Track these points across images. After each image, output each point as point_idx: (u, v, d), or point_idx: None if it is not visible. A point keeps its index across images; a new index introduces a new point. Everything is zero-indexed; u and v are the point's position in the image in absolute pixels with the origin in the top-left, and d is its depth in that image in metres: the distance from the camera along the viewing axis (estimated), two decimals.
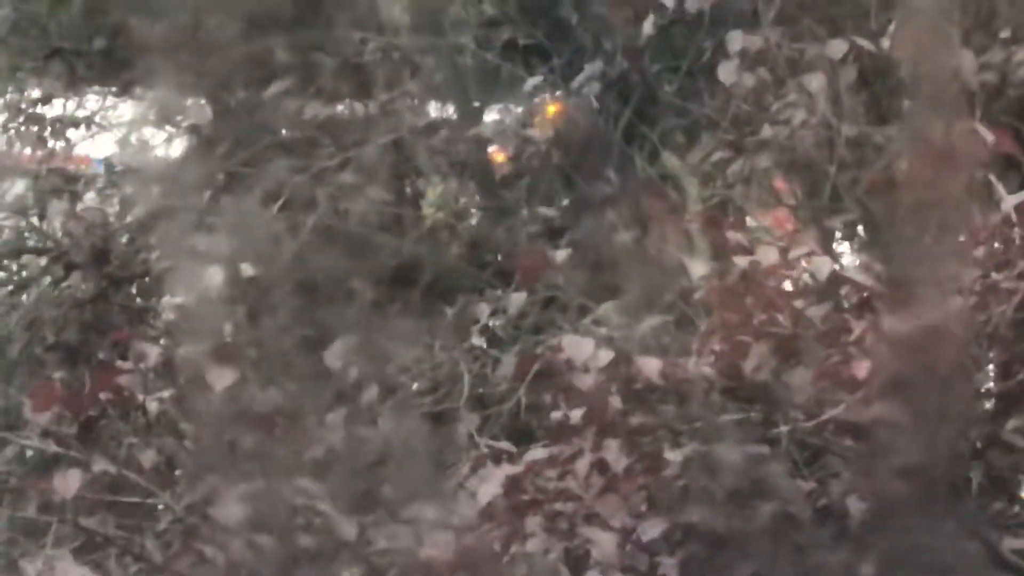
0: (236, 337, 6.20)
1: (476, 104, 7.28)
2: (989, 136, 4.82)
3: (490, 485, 4.94)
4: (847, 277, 4.82)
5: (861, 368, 4.61)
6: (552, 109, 6.56)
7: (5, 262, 6.79)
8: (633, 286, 5.85)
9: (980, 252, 4.65)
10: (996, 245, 4.71)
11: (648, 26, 6.14)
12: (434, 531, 4.92)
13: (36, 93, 7.21)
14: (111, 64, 7.25)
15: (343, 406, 5.60)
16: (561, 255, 5.67)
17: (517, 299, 5.86)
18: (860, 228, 6.17)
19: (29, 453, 5.31)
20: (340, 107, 6.61)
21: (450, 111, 7.23)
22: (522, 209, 7.03)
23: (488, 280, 6.59)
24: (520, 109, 7.37)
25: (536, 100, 7.32)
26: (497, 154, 7.08)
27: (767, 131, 5.93)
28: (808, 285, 4.88)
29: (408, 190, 6.90)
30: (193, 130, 7.39)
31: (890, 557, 4.99)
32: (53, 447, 4.98)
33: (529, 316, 6.04)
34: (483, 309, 5.92)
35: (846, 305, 4.82)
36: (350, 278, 6.46)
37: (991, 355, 4.80)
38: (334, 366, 5.70)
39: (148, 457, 4.95)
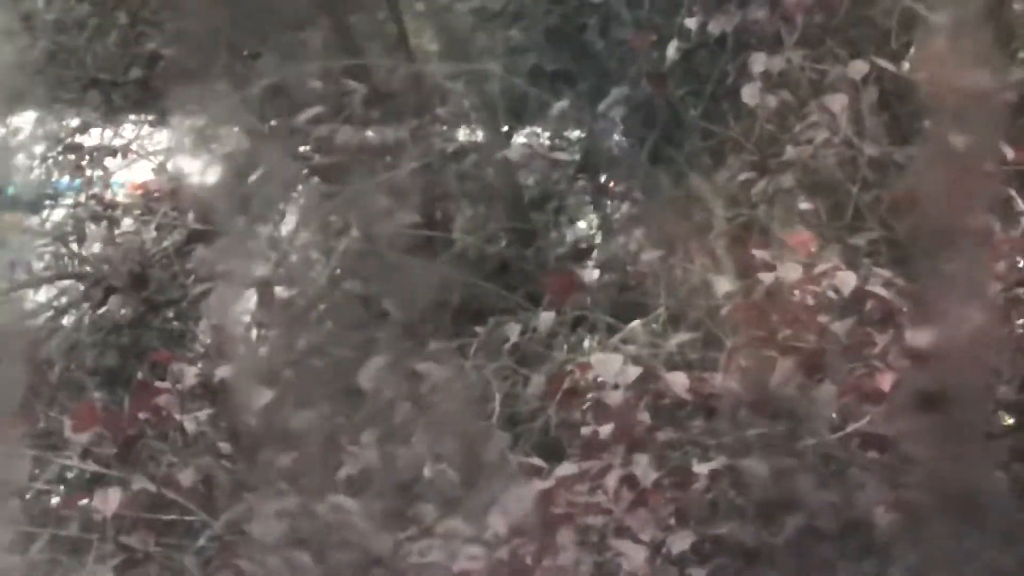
0: (271, 358, 6.24)
1: (504, 128, 7.28)
2: (1010, 152, 4.83)
3: (521, 500, 4.95)
4: (870, 292, 4.82)
5: (885, 381, 4.61)
6: None
7: (45, 287, 6.80)
8: (660, 304, 5.86)
9: (1001, 266, 4.65)
10: (1017, 259, 4.70)
11: (672, 50, 6.13)
12: (466, 546, 4.93)
13: (74, 123, 7.22)
14: (147, 94, 7.27)
15: (376, 425, 5.62)
16: (590, 275, 5.66)
17: (546, 319, 5.84)
18: (882, 246, 6.15)
19: (69, 473, 5.31)
20: (371, 133, 6.60)
21: (479, 136, 7.22)
22: (550, 231, 7.04)
23: (518, 301, 6.59)
24: (547, 133, 7.39)
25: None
26: None
27: (790, 151, 5.93)
28: (832, 300, 4.87)
29: (438, 214, 6.90)
30: (227, 157, 7.42)
31: (917, 569, 4.98)
32: (93, 466, 5.00)
33: (558, 336, 6.03)
34: (513, 329, 5.91)
35: (870, 320, 4.82)
36: (382, 300, 6.48)
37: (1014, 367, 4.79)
38: (367, 386, 5.71)
39: (187, 476, 4.97)
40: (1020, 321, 4.64)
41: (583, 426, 5.04)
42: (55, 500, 5.02)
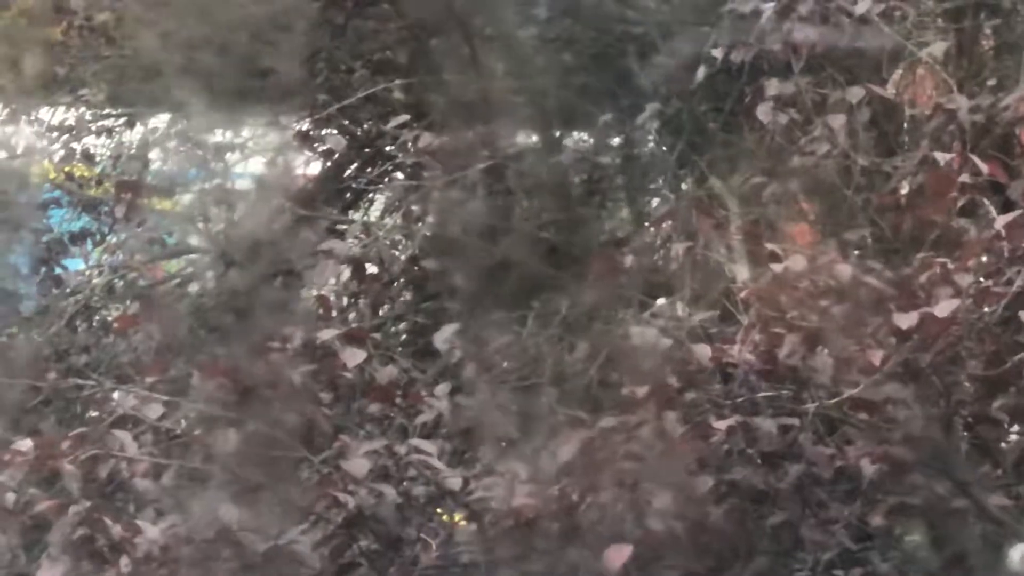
0: (361, 323, 6.22)
1: (557, 135, 7.23)
2: (984, 166, 4.77)
3: (568, 446, 4.92)
4: (864, 281, 4.77)
5: (876, 356, 4.57)
6: None
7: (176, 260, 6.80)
8: (684, 286, 5.82)
9: (974, 262, 4.59)
10: (988, 257, 4.65)
11: (700, 74, 6.09)
12: (522, 484, 4.91)
13: (201, 123, 7.20)
14: (263, 100, 7.25)
15: (448, 380, 5.60)
16: (628, 260, 5.62)
17: (590, 295, 5.81)
18: (871, 240, 6.10)
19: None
20: (447, 137, 6.58)
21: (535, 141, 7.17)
22: (593, 222, 7.00)
23: (566, 279, 6.56)
24: (592, 140, 7.34)
25: None
26: None
27: (796, 161, 5.88)
28: (831, 287, 4.82)
29: (500, 205, 6.85)
30: (327, 154, 7.40)
31: (896, 510, 4.95)
32: (215, 410, 4.99)
33: (600, 309, 5.98)
34: (562, 303, 5.88)
35: (863, 304, 4.77)
36: (454, 276, 6.46)
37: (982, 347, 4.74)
38: (441, 348, 5.70)
39: (290, 419, 4.95)
40: (987, 309, 4.58)
41: (621, 387, 5.01)
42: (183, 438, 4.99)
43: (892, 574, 5.18)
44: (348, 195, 7.59)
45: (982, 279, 4.63)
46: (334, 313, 5.76)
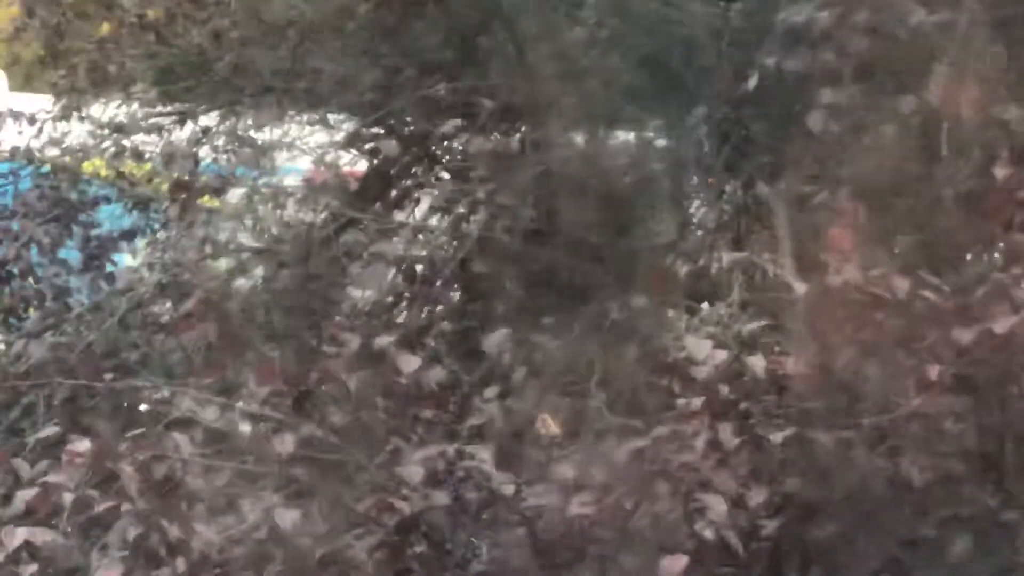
0: (413, 324, 6.22)
1: (604, 138, 7.21)
2: None
3: (620, 454, 4.92)
4: (921, 294, 4.75)
5: (933, 371, 4.55)
6: None
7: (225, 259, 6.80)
8: (731, 292, 5.81)
9: None
10: None
11: (752, 81, 6.07)
12: (575, 491, 4.90)
13: (250, 122, 7.21)
14: (312, 99, 7.26)
15: (495, 384, 5.60)
16: (677, 265, 5.60)
17: (639, 301, 5.81)
18: (920, 249, 6.07)
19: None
20: (495, 140, 6.57)
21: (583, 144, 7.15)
22: (640, 225, 6.98)
23: (611, 282, 6.55)
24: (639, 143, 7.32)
25: None
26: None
27: (846, 169, 5.86)
28: (887, 299, 4.80)
29: (547, 208, 6.84)
30: (373, 153, 7.40)
31: (946, 522, 4.93)
32: (273, 414, 4.99)
33: (648, 315, 5.97)
34: (612, 308, 5.87)
35: (920, 318, 4.75)
36: (503, 279, 6.46)
37: None
38: (491, 352, 5.69)
39: (349, 425, 4.96)
40: None
41: (674, 396, 5.00)
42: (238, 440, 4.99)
43: None
44: (394, 195, 7.59)
45: None
46: (388, 316, 5.75)
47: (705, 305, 5.87)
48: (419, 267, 6.46)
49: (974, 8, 5.84)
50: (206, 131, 7.15)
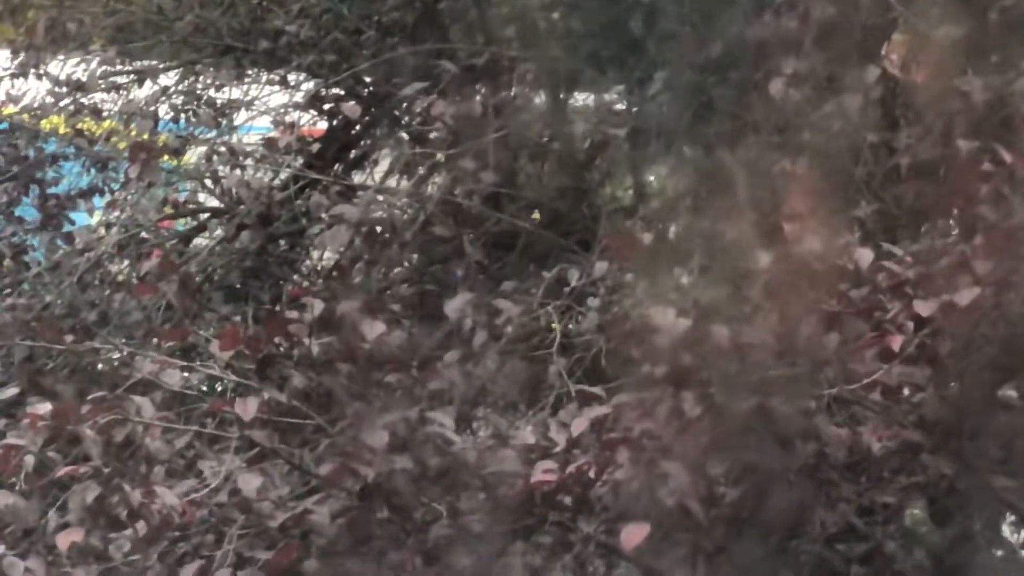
0: (371, 287, 6.17)
1: (564, 102, 7.17)
2: (1007, 155, 4.74)
3: (581, 421, 4.91)
4: (883, 265, 4.75)
5: (895, 342, 4.56)
6: None
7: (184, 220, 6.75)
8: (692, 260, 5.79)
9: (995, 251, 4.57)
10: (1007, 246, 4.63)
11: (715, 50, 6.04)
12: (536, 458, 4.89)
13: (209, 81, 7.15)
14: (272, 60, 7.20)
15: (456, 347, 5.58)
16: (647, 237, 5.58)
17: (601, 267, 5.80)
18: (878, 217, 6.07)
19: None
20: (455, 102, 6.52)
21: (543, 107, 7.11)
22: (602, 188, 6.97)
23: (572, 247, 6.54)
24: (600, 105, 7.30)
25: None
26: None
27: (807, 136, 5.84)
28: (849, 270, 4.80)
29: (507, 171, 6.80)
30: (332, 114, 7.35)
31: (903, 489, 4.95)
32: (234, 378, 4.96)
33: (607, 279, 5.95)
34: (573, 274, 5.85)
35: (882, 288, 4.75)
36: (463, 242, 6.42)
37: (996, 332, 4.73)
38: (452, 316, 5.67)
39: (311, 389, 4.93)
40: (1008, 296, 4.57)
41: (635, 363, 4.98)
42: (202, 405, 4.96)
43: (896, 551, 5.19)
44: (353, 155, 7.55)
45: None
46: (350, 279, 5.71)
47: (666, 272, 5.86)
48: (379, 229, 6.41)
49: None
50: (165, 90, 7.07)
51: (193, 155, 6.94)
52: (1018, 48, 6.05)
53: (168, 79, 7.20)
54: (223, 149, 6.62)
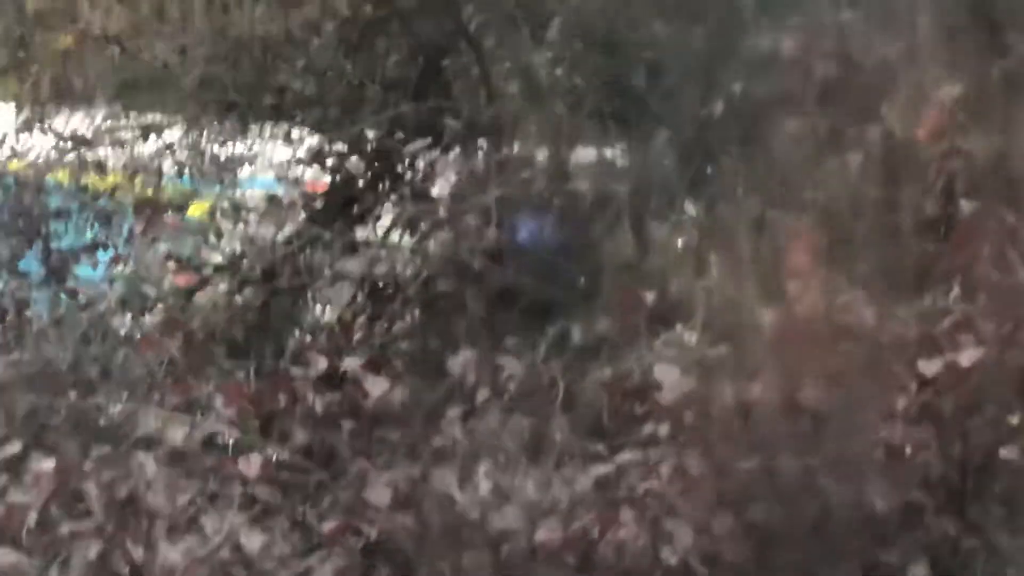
0: (373, 341, 6.18)
1: (567, 158, 7.18)
2: (1011, 216, 4.75)
3: (584, 479, 4.91)
4: (887, 324, 4.75)
5: (897, 400, 4.56)
6: None
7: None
8: (694, 316, 5.79)
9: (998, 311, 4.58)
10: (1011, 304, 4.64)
11: (718, 107, 6.07)
12: (540, 516, 4.88)
13: (215, 137, 7.18)
14: (276, 115, 7.23)
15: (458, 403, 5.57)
16: (650, 296, 5.58)
17: (603, 323, 5.79)
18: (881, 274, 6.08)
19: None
20: (462, 160, 6.55)
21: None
22: (603, 243, 6.97)
23: (575, 303, 6.53)
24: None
25: None
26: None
27: (809, 194, 5.86)
28: (853, 329, 4.80)
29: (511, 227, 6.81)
30: (336, 170, 7.36)
31: (908, 549, 4.93)
32: (237, 434, 4.96)
33: (612, 337, 5.94)
34: (576, 330, 5.86)
35: (886, 346, 4.75)
36: (465, 298, 6.43)
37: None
38: (455, 372, 5.67)
39: (314, 446, 4.93)
40: (1012, 354, 4.57)
41: (638, 420, 4.99)
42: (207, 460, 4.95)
43: None
44: (356, 210, 7.56)
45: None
46: (353, 337, 5.72)
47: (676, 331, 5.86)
48: (382, 284, 6.43)
49: (936, 38, 5.86)
50: (170, 146, 7.10)
51: (197, 210, 6.94)
52: (1019, 106, 6.08)
53: (173, 134, 7.23)
54: (226, 204, 6.64)
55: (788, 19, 5.94)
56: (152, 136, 7.19)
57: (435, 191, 6.82)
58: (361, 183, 7.48)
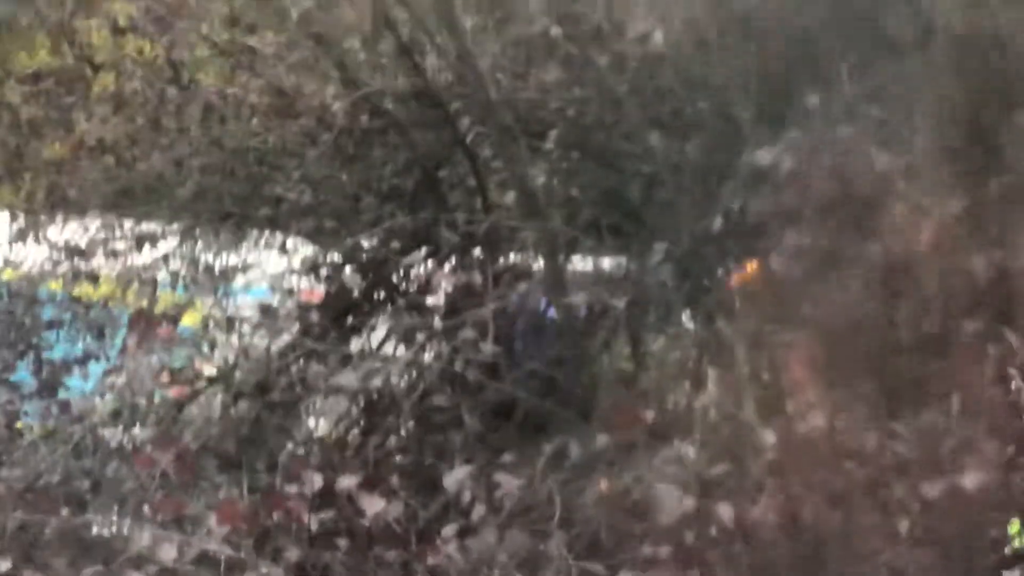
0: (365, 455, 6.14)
1: (563, 270, 7.19)
2: (1014, 339, 4.75)
3: None
4: (888, 446, 4.74)
5: (900, 523, 4.53)
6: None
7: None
8: (695, 433, 5.77)
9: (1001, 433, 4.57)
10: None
11: (717, 223, 6.08)
12: None
13: (210, 247, 7.18)
14: (271, 225, 7.24)
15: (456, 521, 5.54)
16: (650, 415, 5.56)
17: (602, 439, 5.77)
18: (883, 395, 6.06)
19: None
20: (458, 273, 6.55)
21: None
22: (598, 359, 6.96)
23: (570, 417, 6.51)
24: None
25: None
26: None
27: (807, 310, 5.86)
28: (855, 450, 4.79)
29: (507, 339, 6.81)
30: (331, 280, 7.36)
31: None
32: (230, 552, 4.92)
33: (608, 451, 5.92)
34: (573, 446, 5.83)
35: (887, 466, 4.73)
36: (462, 412, 6.41)
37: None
38: (451, 488, 5.64)
39: (309, 565, 4.89)
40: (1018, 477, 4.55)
41: (637, 538, 4.95)
42: None
43: None
44: (351, 321, 7.54)
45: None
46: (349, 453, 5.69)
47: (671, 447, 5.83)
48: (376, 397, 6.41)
49: (936, 154, 5.89)
50: (165, 257, 7.10)
51: (190, 321, 6.93)
52: (1018, 222, 6.10)
53: (166, 244, 7.23)
54: (220, 314, 6.63)
55: (786, 134, 5.96)
56: (147, 246, 7.19)
57: (431, 301, 6.81)
58: (356, 292, 7.49)
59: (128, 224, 7.19)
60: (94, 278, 6.96)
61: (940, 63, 5.94)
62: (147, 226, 7.29)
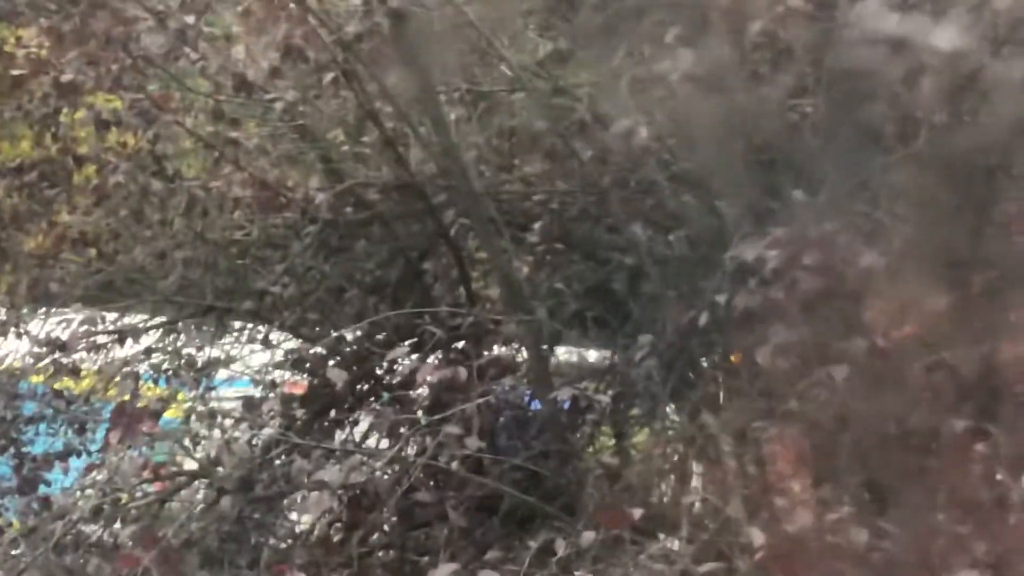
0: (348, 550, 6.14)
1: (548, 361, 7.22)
2: (999, 436, 4.78)
3: None
4: (878, 545, 4.75)
5: None
6: None
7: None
8: (681, 527, 5.79)
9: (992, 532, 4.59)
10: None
11: (703, 318, 6.12)
12: None
13: (192, 340, 7.20)
14: (254, 319, 7.26)
15: None
16: (637, 513, 5.58)
17: (588, 536, 5.78)
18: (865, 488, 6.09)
19: None
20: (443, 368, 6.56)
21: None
22: (583, 453, 6.98)
23: (556, 512, 6.52)
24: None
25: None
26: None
27: (794, 404, 5.90)
28: (844, 548, 4.81)
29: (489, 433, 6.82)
30: (314, 373, 7.37)
31: None
32: None
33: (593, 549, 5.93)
34: (560, 543, 5.84)
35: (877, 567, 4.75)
36: (446, 506, 6.41)
37: None
38: None
39: None
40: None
41: None
42: None
43: None
44: (334, 414, 7.55)
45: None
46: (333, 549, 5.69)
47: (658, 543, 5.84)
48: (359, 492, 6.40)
49: (920, 249, 5.94)
50: (148, 350, 7.11)
51: (173, 416, 6.94)
52: (1002, 316, 6.14)
53: (149, 338, 7.24)
54: (202, 408, 6.64)
55: (771, 229, 6.01)
56: (129, 339, 7.20)
57: (414, 394, 6.82)
58: (340, 386, 7.50)
59: (110, 317, 7.20)
60: (76, 372, 6.96)
61: (923, 157, 6.00)
62: (129, 319, 7.30)
